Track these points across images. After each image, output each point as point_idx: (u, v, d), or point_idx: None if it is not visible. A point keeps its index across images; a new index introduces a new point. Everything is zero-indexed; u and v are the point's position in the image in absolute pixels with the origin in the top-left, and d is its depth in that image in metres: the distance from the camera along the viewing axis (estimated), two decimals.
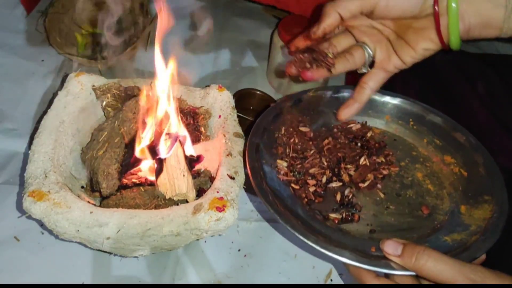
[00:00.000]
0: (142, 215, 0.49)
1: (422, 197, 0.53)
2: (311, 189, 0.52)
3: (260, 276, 0.60)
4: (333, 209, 0.51)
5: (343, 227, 0.49)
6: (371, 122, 0.62)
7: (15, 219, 0.62)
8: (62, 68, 0.86)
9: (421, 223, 0.50)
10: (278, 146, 0.57)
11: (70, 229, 0.48)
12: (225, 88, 0.65)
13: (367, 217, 0.51)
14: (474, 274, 0.37)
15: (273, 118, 0.59)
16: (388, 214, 0.51)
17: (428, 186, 0.55)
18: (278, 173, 0.54)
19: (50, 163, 0.53)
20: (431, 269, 0.39)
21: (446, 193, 0.54)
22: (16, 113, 0.77)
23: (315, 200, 0.52)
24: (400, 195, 0.54)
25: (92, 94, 0.63)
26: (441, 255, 0.39)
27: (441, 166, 0.57)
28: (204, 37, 0.97)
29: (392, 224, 0.50)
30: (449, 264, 0.38)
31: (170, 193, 0.54)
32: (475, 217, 0.49)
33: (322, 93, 0.62)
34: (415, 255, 0.40)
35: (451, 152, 0.57)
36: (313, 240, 0.44)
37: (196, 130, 0.63)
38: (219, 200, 0.50)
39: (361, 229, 0.49)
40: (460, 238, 0.46)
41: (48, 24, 0.85)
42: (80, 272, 0.58)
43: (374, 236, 0.49)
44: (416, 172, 0.57)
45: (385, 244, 0.42)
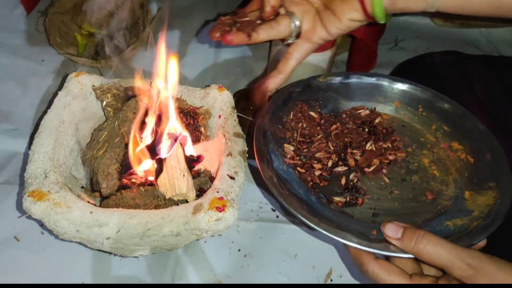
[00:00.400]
0: (142, 215, 0.49)
1: (427, 183, 0.54)
2: (316, 173, 0.53)
3: (260, 276, 0.60)
4: (338, 192, 0.51)
5: (346, 210, 0.50)
6: (380, 108, 0.62)
7: (15, 219, 0.62)
8: (62, 68, 0.86)
9: (424, 207, 0.50)
10: (286, 130, 0.57)
11: (70, 229, 0.48)
12: (225, 88, 0.65)
13: (371, 201, 0.51)
14: (471, 259, 0.37)
15: (282, 102, 0.59)
16: (392, 199, 0.52)
17: (434, 171, 0.55)
18: (284, 157, 0.54)
19: (50, 163, 0.53)
20: (430, 253, 0.39)
21: (451, 179, 0.54)
22: (16, 113, 0.77)
23: (320, 183, 0.52)
24: (405, 180, 0.54)
25: (92, 94, 0.63)
26: (440, 240, 0.39)
27: (448, 152, 0.57)
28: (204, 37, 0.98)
29: (396, 208, 0.50)
30: (448, 248, 0.38)
31: (170, 193, 0.54)
32: (478, 203, 0.49)
33: (331, 78, 0.62)
34: (415, 238, 0.40)
35: (459, 139, 0.57)
36: (315, 222, 0.44)
37: (196, 130, 0.63)
38: (219, 200, 0.50)
39: (364, 212, 0.50)
40: (462, 223, 0.47)
41: (48, 24, 0.85)
42: (80, 272, 0.58)
43: (377, 219, 0.49)
44: (422, 158, 0.57)
45: (386, 227, 0.43)
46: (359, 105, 0.62)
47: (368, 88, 0.63)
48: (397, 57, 0.97)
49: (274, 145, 0.54)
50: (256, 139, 0.53)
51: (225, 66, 0.91)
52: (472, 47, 1.02)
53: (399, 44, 1.02)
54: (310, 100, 0.61)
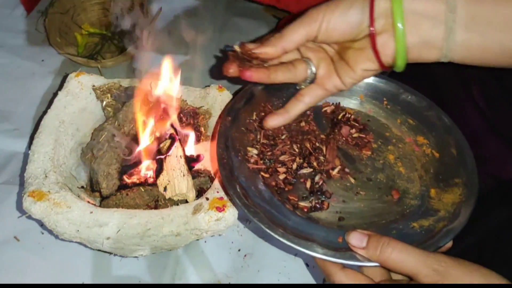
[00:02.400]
0: (142, 215, 0.49)
1: (393, 181, 0.53)
2: (281, 176, 0.51)
3: (260, 276, 0.60)
4: (303, 197, 0.50)
5: (312, 215, 0.49)
6: (345, 103, 0.61)
7: (15, 219, 0.62)
8: (62, 68, 0.86)
9: (390, 208, 0.50)
10: (249, 132, 0.55)
11: (70, 229, 0.48)
12: (225, 88, 0.65)
13: (337, 204, 0.50)
14: (437, 264, 0.37)
15: (244, 103, 0.56)
16: (358, 200, 0.51)
17: (400, 168, 0.54)
18: (248, 162, 0.52)
19: (50, 163, 0.53)
20: (396, 261, 0.38)
21: (417, 176, 0.53)
22: (16, 113, 0.77)
23: (285, 188, 0.51)
24: (371, 179, 0.53)
25: (92, 94, 0.63)
26: (406, 246, 0.39)
27: (414, 147, 0.56)
28: (204, 37, 0.98)
29: (362, 211, 0.50)
30: (413, 255, 0.38)
31: (170, 193, 0.54)
32: (444, 201, 0.49)
33: None
34: (380, 247, 0.40)
35: (424, 133, 0.56)
36: (280, 234, 0.43)
37: (196, 130, 0.63)
38: (219, 200, 0.50)
39: (330, 217, 0.49)
40: (428, 224, 0.46)
41: (48, 24, 0.85)
42: (80, 272, 0.58)
43: (343, 223, 0.48)
44: (388, 154, 0.56)
45: (350, 236, 0.42)
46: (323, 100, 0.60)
47: None
48: None
49: (237, 149, 0.52)
50: (218, 145, 0.51)
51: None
52: None
53: None
54: (273, 98, 0.58)
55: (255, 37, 0.99)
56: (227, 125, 0.53)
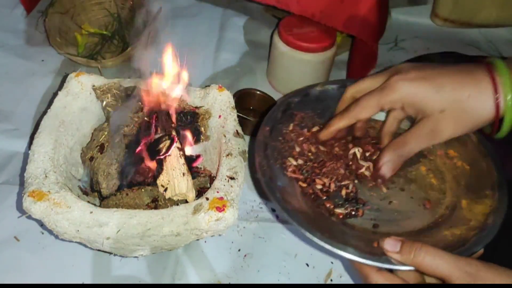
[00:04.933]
0: (142, 215, 0.49)
1: (425, 191, 0.54)
2: (318, 186, 0.53)
3: (260, 276, 0.60)
4: (339, 204, 0.52)
5: (347, 221, 0.50)
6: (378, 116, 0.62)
7: (15, 219, 0.62)
8: (62, 68, 0.86)
9: (423, 217, 0.51)
10: (286, 142, 0.57)
11: (70, 229, 0.48)
12: (225, 88, 0.65)
13: (371, 211, 0.52)
14: (469, 267, 0.39)
15: (281, 114, 0.59)
16: (391, 209, 0.52)
17: (431, 180, 0.55)
18: (286, 170, 0.54)
19: (50, 163, 0.53)
20: (429, 264, 0.40)
21: (448, 187, 0.54)
22: (16, 113, 0.77)
23: (322, 196, 0.52)
24: (404, 189, 0.54)
25: (92, 94, 0.63)
26: (438, 251, 0.41)
27: (445, 160, 0.57)
28: (204, 37, 0.98)
29: (395, 219, 0.51)
30: (445, 258, 0.40)
31: (170, 193, 0.54)
32: (475, 212, 0.50)
33: (328, 87, 0.62)
34: (413, 251, 0.41)
35: (455, 146, 0.57)
36: (319, 236, 0.45)
37: (196, 130, 0.63)
38: (219, 200, 0.50)
39: (365, 223, 0.50)
40: (459, 232, 0.47)
41: (48, 24, 0.85)
42: (80, 272, 0.58)
43: (377, 230, 0.50)
44: (420, 166, 0.57)
45: (385, 242, 0.44)
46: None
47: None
48: (397, 57, 0.97)
49: (275, 158, 0.55)
50: (257, 153, 0.53)
51: (225, 66, 0.91)
52: (472, 47, 1.02)
53: (399, 44, 1.02)
54: (308, 110, 0.61)
55: (255, 37, 0.99)
56: (266, 135, 0.56)
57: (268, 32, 0.98)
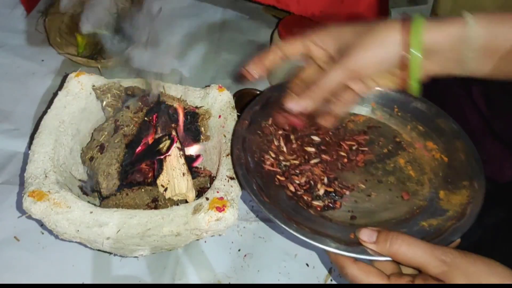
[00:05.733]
0: (142, 215, 0.49)
1: (403, 183, 0.55)
2: (296, 181, 0.53)
3: (260, 276, 0.60)
4: (316, 196, 0.52)
5: (325, 214, 0.50)
6: (356, 109, 0.63)
7: (15, 219, 0.62)
8: (62, 68, 0.86)
9: (400, 208, 0.52)
10: (265, 136, 0.57)
11: (70, 229, 0.48)
12: (225, 88, 0.65)
13: (349, 203, 0.52)
14: (444, 256, 0.39)
15: (260, 108, 0.59)
16: (369, 201, 0.52)
17: (410, 172, 0.56)
18: (264, 163, 0.54)
19: (50, 163, 0.53)
20: (405, 253, 0.40)
21: (426, 179, 0.55)
22: (16, 113, 0.77)
23: (299, 190, 0.53)
24: (382, 181, 0.55)
25: (92, 94, 0.63)
26: (414, 239, 0.41)
27: (423, 152, 0.58)
28: (204, 37, 0.98)
29: (373, 210, 0.51)
30: (421, 247, 0.40)
31: (170, 193, 0.54)
32: (452, 202, 0.50)
33: None
34: (389, 240, 0.41)
35: (433, 138, 0.58)
36: (294, 228, 0.45)
37: (196, 130, 0.63)
38: (219, 200, 0.50)
39: (342, 216, 0.50)
40: (436, 223, 0.48)
41: (48, 24, 0.85)
42: (80, 272, 0.58)
43: (354, 222, 0.50)
44: (398, 158, 0.58)
45: (361, 232, 0.44)
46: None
47: None
48: None
49: (253, 151, 0.55)
50: (234, 146, 0.53)
51: (225, 66, 0.92)
52: None
53: None
54: None
55: (255, 37, 0.99)
56: (244, 127, 0.55)
57: (268, 32, 0.98)
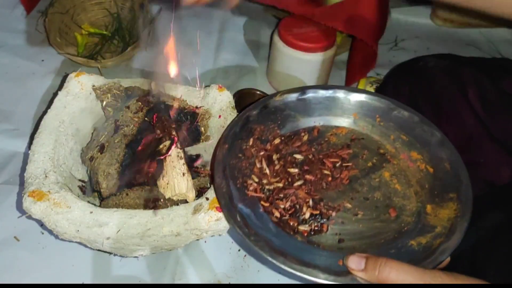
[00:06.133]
0: (142, 215, 0.49)
1: (390, 199, 0.53)
2: (281, 205, 0.52)
3: (260, 276, 0.60)
4: (302, 220, 0.51)
5: (312, 239, 0.49)
6: (338, 121, 0.61)
7: (15, 219, 0.62)
8: (62, 68, 0.86)
9: (388, 226, 0.50)
10: (246, 159, 0.55)
11: (70, 229, 0.48)
12: (225, 88, 0.65)
13: (336, 226, 0.51)
14: (434, 280, 0.39)
15: (239, 129, 0.57)
16: (356, 221, 0.51)
17: (396, 185, 0.55)
18: (247, 189, 0.52)
19: (50, 163, 0.53)
20: (394, 280, 0.40)
21: (413, 192, 0.54)
22: (16, 113, 0.77)
23: (285, 215, 0.51)
24: (368, 198, 0.53)
25: (92, 94, 0.63)
26: (402, 265, 0.40)
27: (408, 163, 0.56)
28: (204, 37, 0.98)
29: (360, 231, 0.50)
30: (411, 273, 0.40)
31: (170, 193, 0.54)
32: (440, 217, 0.49)
33: (287, 96, 0.60)
34: (378, 267, 0.41)
35: (417, 148, 0.56)
36: (281, 261, 0.44)
37: (196, 130, 0.63)
38: None
39: (330, 239, 0.49)
40: (425, 241, 0.47)
41: (48, 24, 0.85)
42: (80, 272, 0.58)
43: (342, 245, 0.49)
44: (383, 172, 0.56)
45: (349, 260, 0.43)
46: (316, 120, 0.60)
47: (325, 102, 0.61)
48: (397, 57, 0.97)
49: (235, 177, 0.53)
50: (215, 174, 0.51)
51: (225, 66, 0.92)
52: (472, 47, 1.03)
53: (399, 44, 1.02)
54: (268, 122, 0.59)
55: (255, 37, 0.99)
56: (224, 153, 0.54)
57: (268, 32, 0.99)
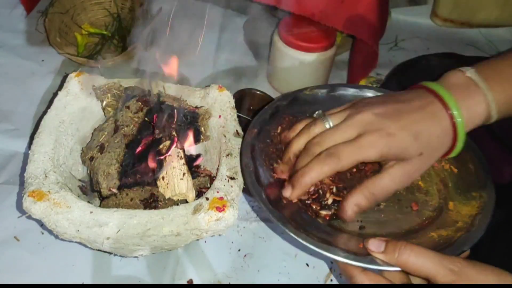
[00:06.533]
0: (142, 215, 0.49)
1: (412, 194, 0.54)
2: None
3: (260, 276, 0.60)
4: (324, 205, 0.52)
5: (333, 223, 0.50)
6: None
7: (15, 219, 0.62)
8: (62, 68, 0.86)
9: (409, 219, 0.51)
10: (274, 145, 0.57)
11: (70, 229, 0.48)
12: (225, 88, 0.65)
13: (358, 214, 0.51)
14: (453, 265, 0.39)
15: (269, 117, 0.59)
16: (378, 211, 0.52)
17: (419, 182, 0.55)
18: (273, 172, 0.54)
19: (50, 163, 0.53)
20: (414, 263, 0.40)
21: (436, 190, 0.55)
22: (16, 113, 0.77)
23: (308, 199, 0.52)
24: None
25: (92, 94, 0.63)
26: (422, 249, 0.41)
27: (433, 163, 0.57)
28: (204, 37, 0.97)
29: (382, 221, 0.51)
30: (430, 257, 0.40)
31: (170, 193, 0.54)
32: (462, 213, 0.50)
33: (318, 91, 0.63)
34: (397, 250, 0.41)
35: None
36: (303, 237, 0.45)
37: (196, 130, 0.63)
38: (219, 200, 0.50)
39: (351, 225, 0.50)
40: (446, 234, 0.48)
41: (48, 24, 0.85)
42: (80, 272, 0.58)
43: (363, 232, 0.50)
44: None
45: (369, 242, 0.44)
46: None
47: (353, 99, 0.63)
48: (397, 57, 0.97)
49: (262, 160, 0.55)
50: (244, 155, 0.54)
51: (225, 66, 0.92)
52: (472, 47, 1.02)
53: (399, 44, 1.02)
54: (297, 113, 0.60)
55: (255, 37, 0.99)
56: (253, 136, 0.56)
57: (268, 32, 0.98)
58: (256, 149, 0.55)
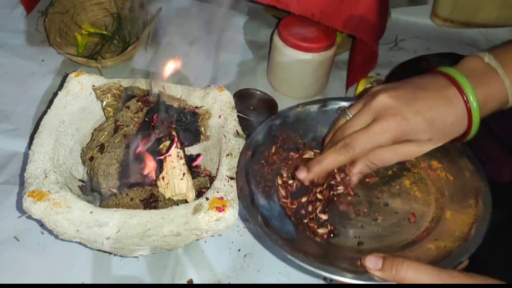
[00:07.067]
0: (142, 215, 0.49)
1: (409, 205, 0.54)
2: (302, 211, 0.53)
3: (260, 276, 0.60)
4: (322, 222, 0.51)
5: (331, 241, 0.50)
6: None
7: (15, 219, 0.62)
8: (62, 68, 0.86)
9: (407, 231, 0.51)
10: (268, 165, 0.57)
11: (70, 229, 0.48)
12: (225, 88, 0.65)
13: (355, 229, 0.51)
14: (451, 279, 0.39)
15: (262, 138, 0.59)
16: (375, 225, 0.52)
17: (416, 193, 0.55)
18: (268, 192, 0.54)
19: (50, 163, 0.53)
20: (411, 279, 0.40)
21: (433, 199, 0.54)
22: (16, 113, 0.77)
23: (305, 217, 0.52)
24: (388, 204, 0.54)
25: (92, 94, 0.63)
26: (419, 265, 0.41)
27: (428, 172, 0.57)
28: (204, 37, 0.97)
29: (380, 235, 0.51)
30: (427, 272, 0.40)
31: (170, 193, 0.54)
32: (459, 222, 0.50)
33: (309, 107, 0.62)
34: (395, 267, 0.41)
35: (438, 157, 0.57)
36: (300, 259, 0.45)
37: (196, 130, 0.63)
38: (219, 200, 0.50)
39: (349, 242, 0.50)
40: (444, 245, 0.47)
41: (48, 24, 0.85)
42: (80, 272, 0.58)
43: (362, 248, 0.49)
44: (404, 180, 0.57)
45: (366, 259, 0.44)
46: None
47: None
48: (397, 57, 0.97)
49: (257, 181, 0.55)
50: (239, 178, 0.54)
51: (225, 66, 0.91)
52: (472, 47, 1.02)
53: (399, 44, 1.02)
54: (290, 131, 0.61)
55: (255, 37, 0.99)
56: (247, 159, 0.56)
57: (268, 32, 0.98)
58: (251, 172, 0.55)
